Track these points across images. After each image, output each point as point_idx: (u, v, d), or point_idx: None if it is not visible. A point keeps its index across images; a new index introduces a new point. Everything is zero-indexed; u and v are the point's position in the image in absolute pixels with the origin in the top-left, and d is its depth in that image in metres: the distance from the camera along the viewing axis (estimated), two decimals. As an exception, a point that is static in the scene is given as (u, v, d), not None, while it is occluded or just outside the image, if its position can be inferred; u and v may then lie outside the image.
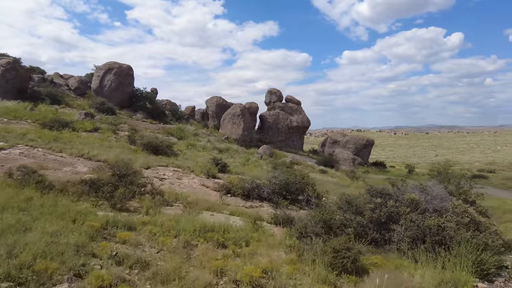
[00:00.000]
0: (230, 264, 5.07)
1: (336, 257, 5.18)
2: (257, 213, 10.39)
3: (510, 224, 13.95)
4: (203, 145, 26.63)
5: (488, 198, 23.56)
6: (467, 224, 6.83)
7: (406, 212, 7.01)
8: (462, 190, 9.55)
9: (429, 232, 6.66)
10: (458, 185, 9.87)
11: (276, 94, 43.61)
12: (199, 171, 15.47)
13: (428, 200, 7.39)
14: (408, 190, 7.88)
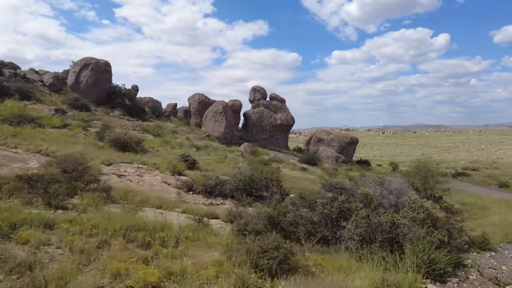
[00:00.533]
0: (134, 267, 4.37)
1: (262, 258, 4.52)
2: (213, 211, 9.71)
3: (483, 221, 13.50)
4: (180, 142, 25.84)
5: (467, 195, 23.29)
6: (423, 221, 6.23)
7: (358, 208, 6.38)
8: (428, 186, 9.01)
9: (380, 229, 6.04)
10: (424, 181, 9.33)
11: (260, 91, 42.94)
12: (164, 168, 14.70)
13: (384, 195, 6.78)
14: (363, 184, 7.27)
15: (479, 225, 12.84)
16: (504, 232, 10.55)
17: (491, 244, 8.92)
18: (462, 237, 8.66)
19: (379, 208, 6.43)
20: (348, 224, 6.20)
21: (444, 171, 51.87)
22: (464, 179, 41.53)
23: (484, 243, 8.71)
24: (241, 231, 6.00)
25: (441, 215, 6.86)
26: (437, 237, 5.86)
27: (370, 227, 5.99)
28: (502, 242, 9.83)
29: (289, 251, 4.77)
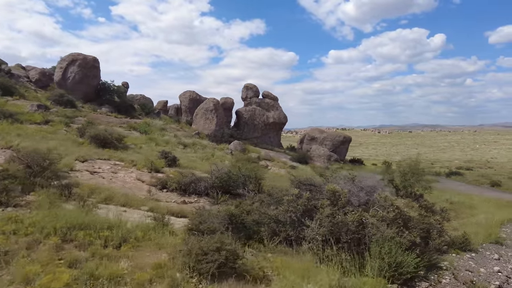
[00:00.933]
0: (52, 270, 3.84)
1: (201, 261, 4.02)
2: (183, 209, 9.20)
3: (469, 220, 13.07)
4: (168, 140, 25.29)
5: (457, 194, 22.87)
6: (393, 220, 5.74)
7: (324, 205, 5.88)
8: (408, 183, 8.53)
9: (345, 229, 5.55)
10: (404, 178, 8.84)
11: (253, 89, 42.42)
12: (142, 165, 14.15)
13: (353, 192, 6.29)
14: (334, 181, 6.77)
15: (465, 224, 12.41)
16: (488, 232, 10.10)
17: (472, 244, 8.47)
18: (443, 237, 8.20)
19: (347, 206, 5.94)
20: (312, 223, 5.70)
21: (438, 170, 51.61)
22: (457, 179, 41.27)
23: (464, 243, 8.25)
24: (194, 231, 5.48)
25: (415, 214, 6.36)
26: (407, 238, 5.36)
27: (334, 227, 5.49)
28: (485, 242, 9.38)
29: (233, 253, 4.26)
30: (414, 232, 5.73)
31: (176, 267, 4.42)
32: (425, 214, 7.95)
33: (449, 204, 18.10)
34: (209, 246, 4.13)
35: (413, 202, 7.87)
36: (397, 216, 5.76)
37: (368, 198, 6.29)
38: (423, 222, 6.70)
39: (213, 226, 5.49)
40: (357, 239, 5.47)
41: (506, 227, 12.35)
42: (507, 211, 15.57)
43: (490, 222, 12.12)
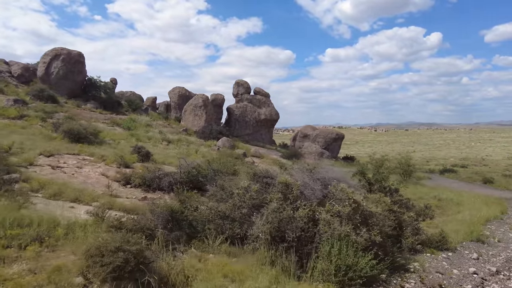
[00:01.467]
0: None
1: (96, 263, 3.30)
2: (137, 206, 8.45)
3: (454, 217, 12.37)
4: (151, 136, 24.55)
5: (448, 191, 22.17)
6: (350, 216, 5.01)
7: (274, 199, 5.15)
8: (381, 177, 7.81)
9: (294, 226, 4.82)
10: (377, 171, 8.10)
11: (244, 86, 41.61)
12: (112, 160, 13.40)
13: (307, 185, 5.56)
14: (292, 173, 6.04)
15: (449, 221, 11.73)
16: (470, 229, 9.39)
17: (449, 243, 7.76)
18: (420, 235, 7.50)
19: (299, 200, 5.21)
20: (258, 219, 4.97)
21: (433, 168, 51.00)
22: (451, 176, 40.72)
23: (441, 242, 7.54)
24: (116, 228, 4.73)
25: (378, 209, 5.62)
26: (364, 236, 4.63)
27: (281, 223, 4.76)
28: (466, 240, 8.68)
29: (137, 254, 3.53)
30: (375, 229, 5.00)
31: (76, 270, 3.68)
32: (398, 210, 7.24)
33: (437, 200, 17.44)
34: (107, 246, 3.41)
35: (385, 197, 7.16)
36: (355, 211, 5.03)
37: (328, 191, 5.56)
38: (392, 219, 5.97)
39: (142, 223, 4.75)
40: (307, 238, 4.74)
41: (492, 224, 11.68)
42: (495, 207, 14.91)
43: (475, 219, 11.45)
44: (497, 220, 12.60)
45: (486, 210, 13.59)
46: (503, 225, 11.72)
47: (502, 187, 29.88)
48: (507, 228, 11.13)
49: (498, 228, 11.13)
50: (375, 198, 7.00)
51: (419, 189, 20.48)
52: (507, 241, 9.28)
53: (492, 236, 9.60)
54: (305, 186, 5.54)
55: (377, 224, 5.24)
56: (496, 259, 7.28)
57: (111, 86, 36.96)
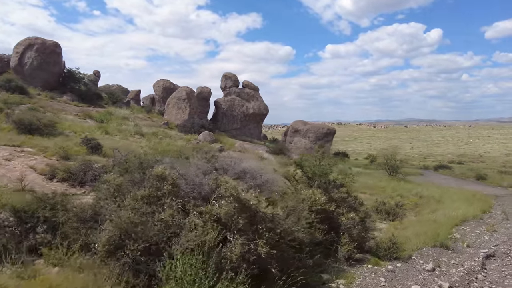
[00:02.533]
0: None
1: None
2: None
3: (428, 216, 10.98)
4: (124, 129, 23.22)
5: (434, 187, 20.74)
6: (228, 218, 3.66)
7: (137, 197, 3.80)
8: (321, 171, 6.44)
9: (145, 233, 3.46)
10: (317, 163, 6.73)
11: (232, 78, 40.13)
12: (53, 153, 12.09)
13: (189, 179, 4.20)
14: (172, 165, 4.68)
15: (419, 221, 10.35)
16: (436, 232, 7.99)
17: (402, 250, 6.38)
18: (365, 241, 6.12)
19: (171, 198, 3.85)
20: (105, 223, 3.63)
21: (429, 164, 49.55)
22: (445, 172, 39.47)
23: (391, 249, 6.15)
24: None
25: (275, 211, 4.23)
26: (236, 250, 3.27)
27: (130, 228, 3.42)
28: (428, 245, 7.28)
29: None
30: (264, 238, 3.64)
31: None
32: (335, 211, 5.87)
33: (418, 198, 16.07)
34: None
35: (320, 194, 5.79)
36: (241, 213, 3.68)
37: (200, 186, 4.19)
38: (311, 221, 4.61)
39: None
40: (159, 250, 3.40)
41: (468, 225, 10.29)
42: (477, 205, 13.51)
43: (449, 219, 10.06)
44: (476, 219, 11.21)
45: (466, 208, 12.20)
46: (480, 225, 10.34)
47: (495, 183, 28.49)
48: (483, 229, 9.74)
49: (473, 229, 9.75)
50: (307, 195, 5.64)
51: (402, 186, 19.09)
52: (478, 245, 7.91)
53: (462, 239, 8.23)
54: (187, 180, 4.19)
55: (272, 230, 3.88)
56: (456, 270, 5.92)
57: (93, 79, 35.66)
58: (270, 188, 5.16)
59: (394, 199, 14.57)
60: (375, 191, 16.31)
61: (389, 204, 11.12)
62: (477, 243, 8.18)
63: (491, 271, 6.17)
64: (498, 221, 11.24)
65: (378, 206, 11.02)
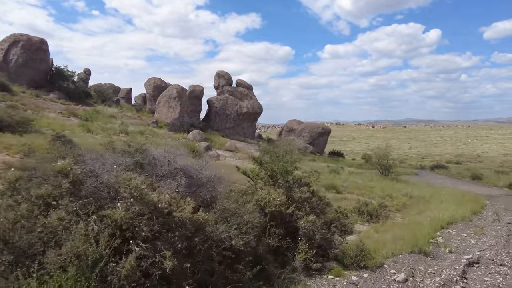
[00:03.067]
0: None
1: None
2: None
3: (414, 217, 10.23)
4: (110, 127, 22.53)
5: (427, 187, 20.00)
6: (132, 222, 2.92)
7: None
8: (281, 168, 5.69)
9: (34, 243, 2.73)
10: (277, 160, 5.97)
11: (225, 77, 39.41)
12: (17, 150, 11.37)
13: (98, 175, 3.46)
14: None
15: (402, 224, 9.60)
16: (416, 236, 7.24)
17: (371, 258, 5.62)
18: (331, 246, 5.38)
19: (78, 199, 3.12)
20: None
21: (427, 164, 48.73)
22: (441, 172, 38.75)
23: (358, 257, 5.41)
24: None
25: (185, 214, 3.49)
26: (126, 264, 2.53)
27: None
28: (405, 251, 6.52)
29: None
30: (177, 247, 2.89)
31: None
32: (294, 213, 5.13)
33: (408, 198, 15.32)
34: None
35: (278, 194, 5.05)
36: (136, 216, 2.94)
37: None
38: (255, 224, 3.87)
39: None
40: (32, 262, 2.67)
41: (456, 227, 9.54)
42: (468, 206, 12.75)
43: (435, 222, 9.31)
44: (465, 221, 10.46)
45: (455, 209, 11.44)
46: (468, 228, 9.58)
47: (490, 183, 27.75)
48: (471, 232, 8.99)
49: (460, 232, 8.99)
50: (261, 196, 4.90)
51: (392, 185, 18.31)
52: (462, 251, 7.15)
53: (445, 244, 7.47)
54: (96, 177, 3.45)
55: (190, 238, 3.14)
56: (431, 281, 5.17)
57: (84, 77, 34.96)
58: (212, 188, 4.42)
59: (382, 199, 13.84)
60: (363, 191, 15.56)
61: (372, 205, 10.37)
62: (461, 248, 7.42)
63: (472, 281, 5.43)
64: (488, 223, 10.49)
65: (361, 207, 10.27)
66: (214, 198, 4.18)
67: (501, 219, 11.48)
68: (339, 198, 13.27)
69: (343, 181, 17.99)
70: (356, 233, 8.64)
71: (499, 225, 10.28)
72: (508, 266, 6.25)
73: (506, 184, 25.12)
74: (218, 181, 4.61)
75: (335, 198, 13.39)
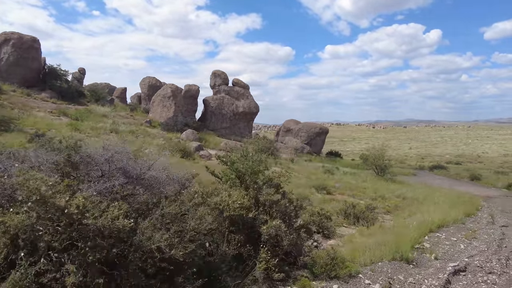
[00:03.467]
0: None
1: None
2: None
3: (403, 220, 9.70)
4: (100, 126, 22.10)
5: (422, 188, 19.48)
6: (30, 229, 2.42)
7: None
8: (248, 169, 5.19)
9: None
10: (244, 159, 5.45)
11: (221, 76, 38.92)
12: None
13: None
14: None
15: (389, 228, 9.08)
16: (400, 241, 6.72)
17: (345, 268, 5.11)
18: (304, 255, 4.88)
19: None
20: None
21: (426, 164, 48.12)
22: (439, 172, 38.24)
23: (328, 266, 4.90)
24: None
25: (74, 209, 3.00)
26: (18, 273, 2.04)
27: None
28: (386, 258, 6.01)
29: None
30: (88, 260, 2.41)
31: None
32: (261, 217, 4.63)
33: (401, 199, 14.79)
34: None
35: (242, 196, 4.56)
36: (35, 223, 2.43)
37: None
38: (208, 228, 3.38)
39: None
40: None
41: (444, 231, 9.02)
42: (462, 208, 12.22)
43: (424, 225, 8.78)
44: (457, 224, 9.93)
45: (448, 211, 10.91)
46: (460, 231, 9.06)
47: (489, 184, 27.18)
48: (462, 236, 8.47)
49: (450, 236, 8.47)
50: (222, 198, 4.41)
51: (386, 186, 17.77)
52: (449, 257, 6.62)
53: (431, 250, 6.94)
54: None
55: (107, 248, 2.64)
56: (409, 293, 4.67)
57: (78, 76, 34.58)
58: (158, 190, 3.93)
59: (372, 201, 13.33)
60: (355, 192, 15.05)
61: (359, 208, 9.85)
62: (448, 254, 6.90)
63: (456, 293, 4.92)
64: (482, 226, 9.97)
65: (347, 209, 9.75)
66: (158, 202, 3.70)
67: (496, 221, 10.95)
68: (328, 199, 12.79)
69: (336, 182, 17.48)
70: (339, 237, 8.14)
71: (492, 228, 9.75)
72: (497, 274, 5.73)
73: (505, 185, 24.54)
74: (169, 182, 4.12)
75: (324, 199, 12.91)
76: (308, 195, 12.72)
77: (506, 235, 8.87)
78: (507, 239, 8.38)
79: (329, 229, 7.86)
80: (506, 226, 10.25)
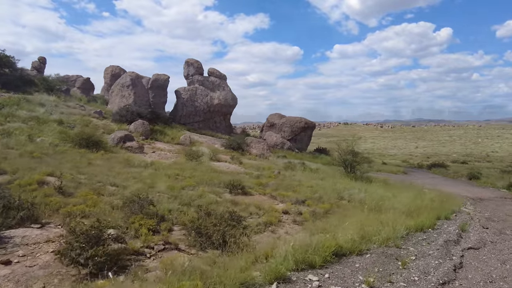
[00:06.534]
0: None
1: None
2: None
3: (310, 237, 5.85)
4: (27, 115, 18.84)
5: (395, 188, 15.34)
6: None
7: None
8: None
9: None
10: None
11: (194, 65, 35.26)
12: None
13: None
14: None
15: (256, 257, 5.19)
16: None
17: None
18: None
19: None
20: None
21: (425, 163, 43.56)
22: (437, 171, 34.12)
23: None
24: None
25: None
26: None
27: None
28: None
29: None
30: None
31: None
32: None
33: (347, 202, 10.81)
34: None
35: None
36: None
37: None
38: None
39: None
40: None
41: (338, 265, 5.08)
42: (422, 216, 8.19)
43: (329, 247, 4.89)
44: (387, 245, 5.97)
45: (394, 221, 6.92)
46: (374, 264, 5.09)
47: (488, 184, 22.81)
48: (362, 280, 4.51)
49: (336, 281, 4.54)
50: None
51: (344, 185, 13.66)
52: None
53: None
54: None
55: None
56: None
57: (37, 66, 31.51)
58: None
59: (294, 205, 9.40)
60: (284, 192, 11.10)
61: (215, 216, 5.98)
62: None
63: None
64: (432, 248, 5.98)
65: (201, 223, 5.89)
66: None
67: (464, 238, 6.95)
68: (223, 201, 8.86)
69: (280, 179, 13.59)
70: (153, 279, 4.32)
71: (449, 252, 5.76)
72: None
73: (506, 185, 20.16)
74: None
75: (219, 201, 8.97)
76: (206, 195, 8.90)
77: (464, 269, 4.90)
78: (460, 281, 4.41)
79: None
80: (475, 248, 6.22)
